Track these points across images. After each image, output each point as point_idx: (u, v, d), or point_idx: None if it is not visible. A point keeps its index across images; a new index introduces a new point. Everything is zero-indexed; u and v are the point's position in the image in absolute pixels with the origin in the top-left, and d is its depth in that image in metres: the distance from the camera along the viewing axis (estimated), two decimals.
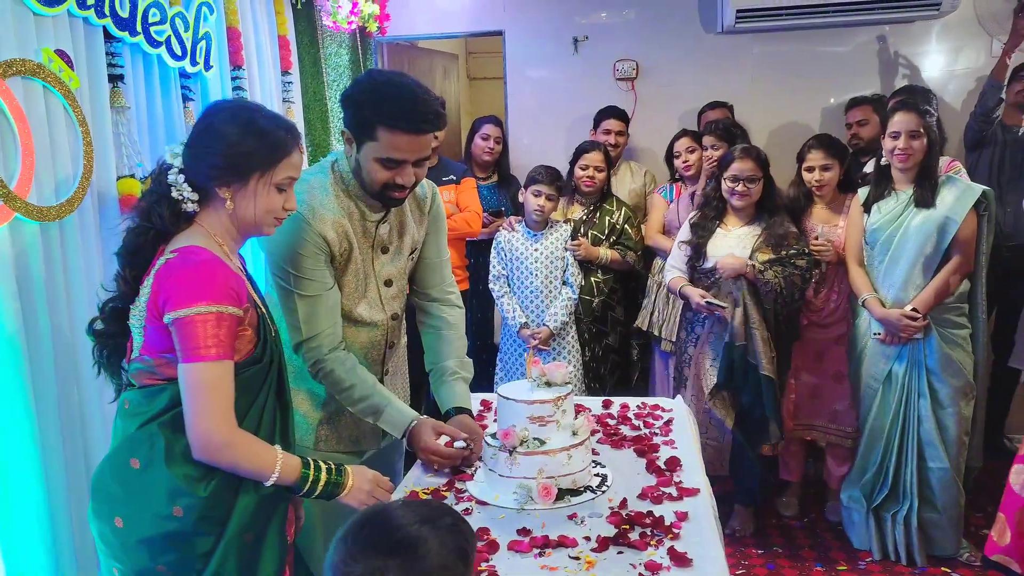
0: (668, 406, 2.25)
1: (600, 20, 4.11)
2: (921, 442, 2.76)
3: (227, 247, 1.49)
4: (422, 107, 1.66)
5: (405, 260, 1.93)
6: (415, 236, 1.95)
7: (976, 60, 3.86)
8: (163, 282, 1.38)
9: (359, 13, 3.51)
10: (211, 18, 2.54)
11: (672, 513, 1.58)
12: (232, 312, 1.39)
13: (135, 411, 1.43)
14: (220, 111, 1.48)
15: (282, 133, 1.47)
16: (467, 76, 6.24)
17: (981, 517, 3.08)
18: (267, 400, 1.51)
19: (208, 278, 1.38)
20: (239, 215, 1.47)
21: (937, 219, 2.64)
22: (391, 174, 1.71)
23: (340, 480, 1.52)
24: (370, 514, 1.06)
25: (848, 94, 3.72)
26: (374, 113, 1.66)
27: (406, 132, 1.66)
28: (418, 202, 1.97)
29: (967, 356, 2.73)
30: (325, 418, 1.92)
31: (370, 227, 1.85)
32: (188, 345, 1.35)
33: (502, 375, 3.41)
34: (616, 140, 3.70)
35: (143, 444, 1.41)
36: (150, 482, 1.39)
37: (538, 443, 1.65)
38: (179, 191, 1.43)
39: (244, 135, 1.43)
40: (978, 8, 3.81)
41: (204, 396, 1.36)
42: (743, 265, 2.80)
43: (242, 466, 1.41)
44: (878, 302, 2.75)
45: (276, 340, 1.57)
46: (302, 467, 1.48)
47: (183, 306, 1.35)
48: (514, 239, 3.29)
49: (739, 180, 2.87)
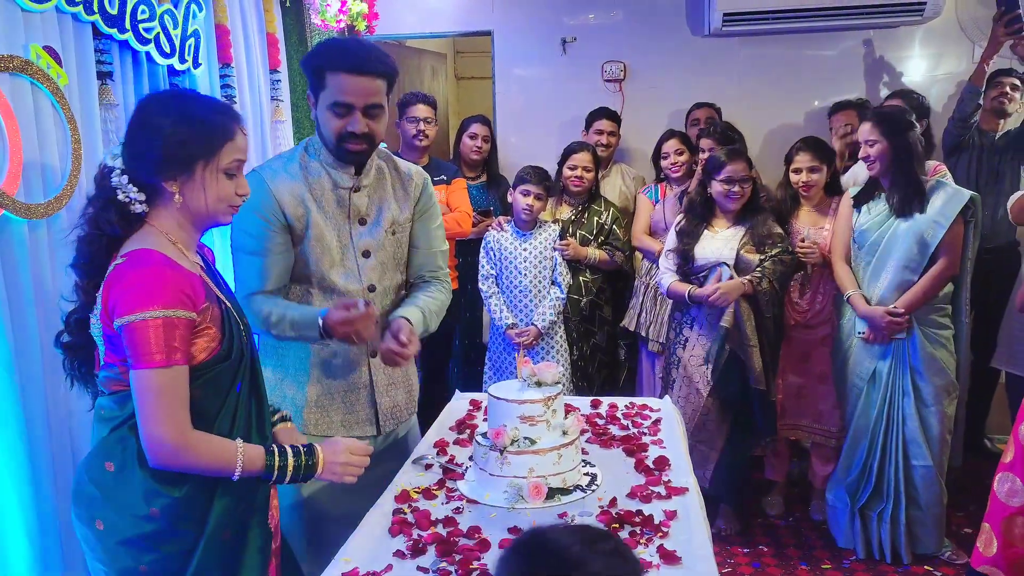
0: (656, 406, 2.27)
1: (588, 21, 4.12)
2: (905, 440, 2.78)
3: (181, 244, 1.44)
4: (365, 53, 1.76)
5: (383, 233, 1.93)
6: (395, 213, 1.95)
7: (958, 65, 3.91)
8: (111, 288, 1.36)
9: (347, 11, 3.49)
10: (200, 15, 2.53)
11: (661, 512, 1.59)
12: (184, 316, 1.35)
13: (108, 416, 1.43)
14: (152, 104, 1.43)
15: (220, 117, 1.43)
16: (455, 76, 6.23)
17: (962, 516, 3.12)
18: (241, 396, 1.49)
19: (156, 282, 1.34)
20: (191, 208, 1.43)
21: (925, 223, 2.67)
22: (342, 122, 1.78)
23: (311, 461, 1.48)
24: (528, 537, 1.01)
25: (833, 98, 3.75)
26: (322, 60, 1.78)
27: (349, 72, 1.75)
28: (402, 181, 1.99)
29: (950, 356, 2.77)
30: (312, 400, 1.92)
31: (344, 195, 1.88)
32: (136, 352, 1.32)
33: (491, 374, 3.41)
34: (608, 140, 3.72)
35: (116, 447, 1.40)
36: (125, 484, 1.39)
37: (528, 442, 1.66)
38: (125, 193, 1.39)
39: (180, 124, 1.38)
40: (960, 14, 3.86)
41: (153, 403, 1.33)
42: (741, 286, 2.82)
43: (202, 466, 1.38)
44: (862, 299, 2.78)
45: (246, 333, 1.54)
46: (266, 456, 1.44)
47: (130, 312, 1.32)
48: (503, 239, 3.30)
49: (734, 182, 2.89)
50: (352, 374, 1.94)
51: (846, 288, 2.84)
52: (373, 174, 1.94)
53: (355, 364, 1.94)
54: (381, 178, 1.96)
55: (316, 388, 1.93)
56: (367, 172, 1.92)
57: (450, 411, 2.27)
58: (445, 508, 1.64)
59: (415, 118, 3.46)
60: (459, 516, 1.60)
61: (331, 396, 1.93)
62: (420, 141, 3.48)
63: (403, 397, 2.04)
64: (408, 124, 3.48)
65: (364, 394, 1.96)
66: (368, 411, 1.96)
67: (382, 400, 1.98)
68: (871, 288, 2.79)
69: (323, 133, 1.84)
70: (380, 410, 1.98)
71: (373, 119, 1.81)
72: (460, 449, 1.96)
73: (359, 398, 1.96)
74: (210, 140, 1.40)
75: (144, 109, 1.43)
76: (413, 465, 1.86)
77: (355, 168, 1.89)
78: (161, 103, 1.43)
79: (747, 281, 2.82)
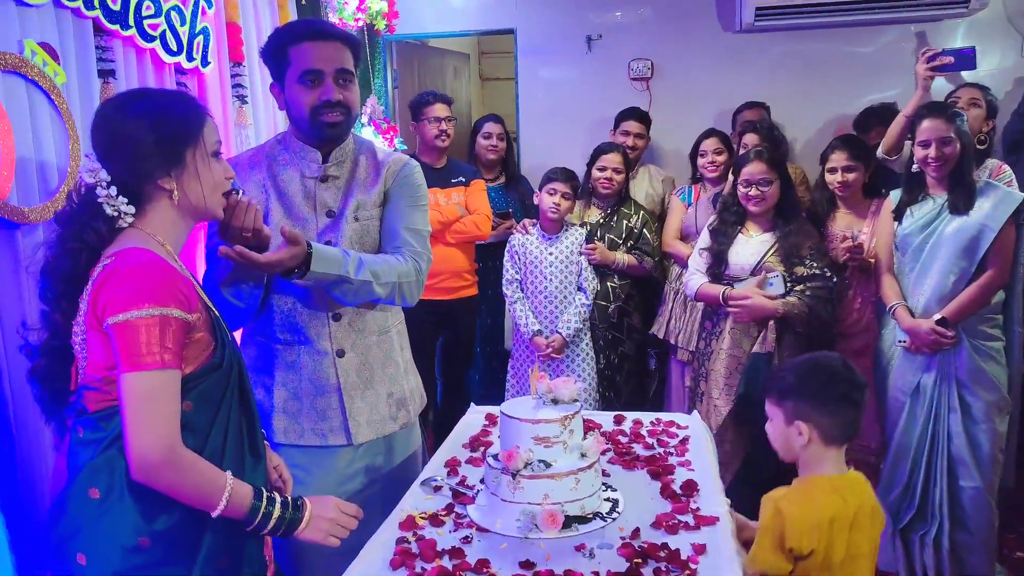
0: (684, 423, 2.13)
1: (615, 19, 4.00)
2: (952, 459, 2.61)
3: (171, 245, 1.38)
4: (324, 22, 1.77)
5: (349, 223, 1.82)
6: (361, 197, 1.84)
7: (1005, 60, 3.72)
8: (103, 287, 1.27)
9: (366, 10, 3.41)
10: (209, 12, 2.45)
11: (688, 545, 1.45)
12: (179, 316, 1.27)
13: (91, 437, 1.32)
14: (116, 114, 1.34)
15: (186, 103, 1.40)
16: (480, 77, 6.14)
17: (1014, 538, 2.94)
18: (232, 410, 1.40)
19: (151, 279, 1.26)
20: (190, 201, 1.38)
21: (973, 227, 2.49)
22: (314, 93, 1.73)
23: (296, 515, 1.39)
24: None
25: (873, 95, 3.59)
26: (282, 38, 1.75)
27: (313, 39, 1.73)
28: (376, 166, 1.88)
29: (1001, 369, 2.58)
30: (280, 406, 1.81)
31: (311, 186, 1.81)
32: (128, 353, 1.23)
33: (513, 382, 3.30)
34: (635, 143, 3.59)
35: (102, 471, 1.29)
36: (113, 512, 1.29)
37: (543, 466, 1.53)
38: (114, 207, 1.32)
39: (158, 120, 1.33)
40: (1008, 6, 3.66)
41: (143, 409, 1.24)
42: (775, 310, 2.67)
43: (184, 490, 1.28)
44: (907, 311, 2.61)
45: (234, 343, 1.46)
46: (253, 497, 1.34)
47: (123, 310, 1.24)
48: (528, 242, 3.18)
49: (751, 184, 2.74)
50: (317, 374, 1.82)
51: (890, 300, 2.66)
52: (348, 165, 1.84)
53: (319, 364, 1.82)
54: (355, 169, 1.86)
55: (282, 392, 1.82)
56: (338, 161, 1.82)
57: (465, 426, 2.14)
58: (453, 537, 1.52)
59: (435, 117, 3.36)
60: (467, 546, 1.47)
61: (299, 400, 1.82)
62: (442, 141, 3.37)
63: (386, 403, 1.90)
64: (428, 125, 3.36)
65: (334, 398, 1.83)
66: (343, 418, 1.82)
67: (353, 405, 1.84)
68: (915, 296, 2.62)
69: (295, 113, 1.77)
70: (351, 416, 1.84)
71: (345, 88, 1.76)
72: (473, 469, 1.83)
73: (330, 403, 1.83)
74: (190, 125, 1.37)
75: (110, 120, 1.34)
76: (422, 487, 1.74)
77: (323, 155, 1.81)
78: (124, 110, 1.35)
79: (780, 307, 2.66)
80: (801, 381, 1.63)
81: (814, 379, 1.63)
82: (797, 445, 1.62)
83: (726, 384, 2.78)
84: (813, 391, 1.61)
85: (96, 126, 1.35)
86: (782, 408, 1.64)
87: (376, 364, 1.89)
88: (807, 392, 1.61)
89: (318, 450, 1.83)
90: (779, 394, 1.65)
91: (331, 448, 1.84)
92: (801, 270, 2.71)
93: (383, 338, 1.91)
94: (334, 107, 1.74)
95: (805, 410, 1.60)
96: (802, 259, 2.71)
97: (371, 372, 1.87)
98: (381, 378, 1.89)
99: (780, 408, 1.65)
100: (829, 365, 1.65)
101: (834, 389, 1.60)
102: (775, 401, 1.66)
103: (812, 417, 1.60)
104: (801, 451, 1.62)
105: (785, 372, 1.70)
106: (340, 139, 1.82)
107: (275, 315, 1.82)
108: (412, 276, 1.84)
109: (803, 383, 1.63)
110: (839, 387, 1.61)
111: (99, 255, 1.33)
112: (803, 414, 1.61)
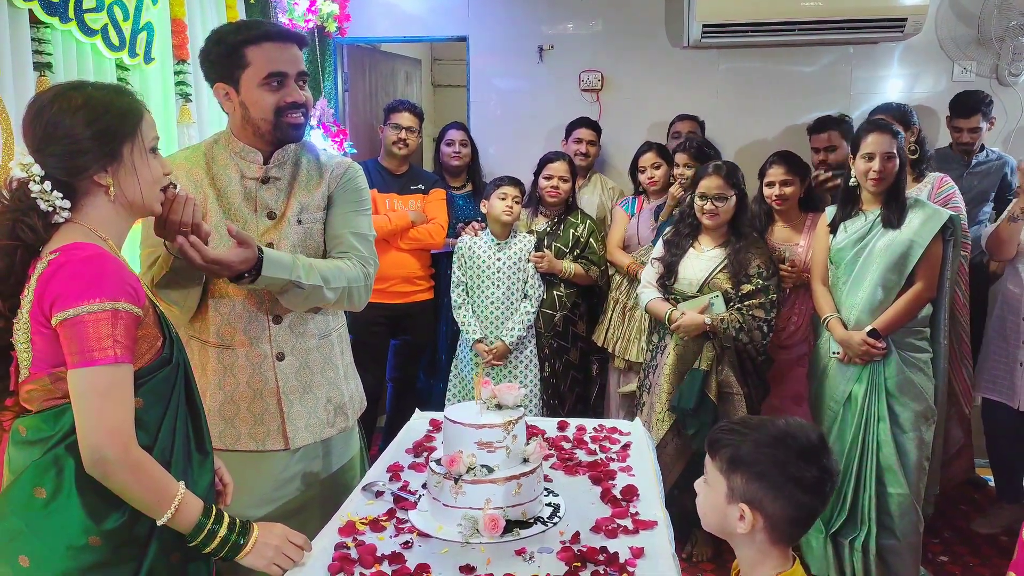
0: (626, 429, 2.16)
1: (566, 30, 4.04)
2: (880, 467, 2.70)
3: (112, 240, 1.35)
4: (275, 24, 1.77)
5: (292, 226, 1.80)
6: (303, 199, 1.82)
7: (937, 84, 3.88)
8: (49, 282, 1.24)
9: (317, 11, 3.39)
10: (154, 8, 2.40)
11: (627, 549, 1.48)
12: (129, 309, 1.26)
13: (35, 437, 1.29)
14: (49, 106, 1.29)
15: (124, 97, 1.36)
16: (432, 83, 6.12)
17: (938, 543, 3.05)
18: (179, 407, 1.39)
19: (100, 272, 1.25)
20: (127, 197, 1.35)
21: (902, 242, 2.59)
22: (279, 95, 1.72)
23: (242, 540, 1.37)
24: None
25: (813, 113, 3.69)
26: (238, 37, 1.70)
27: (275, 41, 1.71)
28: (320, 170, 1.87)
29: (928, 380, 2.69)
30: (216, 409, 1.78)
31: (251, 187, 1.79)
32: (79, 348, 1.22)
33: (455, 391, 3.29)
34: (587, 149, 3.66)
35: (49, 471, 1.27)
36: (60, 513, 1.26)
37: (486, 471, 1.54)
38: (48, 202, 1.29)
39: (95, 111, 1.30)
40: (940, 33, 3.83)
41: (97, 403, 1.22)
42: (702, 324, 2.74)
43: (134, 493, 1.27)
44: (840, 323, 2.70)
45: (179, 338, 1.44)
46: (201, 513, 1.33)
47: (73, 304, 1.22)
48: (476, 246, 3.18)
49: (707, 198, 2.80)
50: (256, 378, 1.79)
51: (824, 312, 2.75)
52: (289, 167, 1.83)
53: (259, 366, 1.79)
54: (297, 171, 1.84)
55: (219, 395, 1.79)
56: (280, 163, 1.81)
57: (409, 431, 2.13)
58: (393, 542, 1.51)
59: (397, 125, 3.43)
60: (408, 552, 1.47)
61: (235, 404, 1.79)
62: (399, 149, 3.44)
63: (324, 408, 1.87)
64: (390, 130, 3.44)
65: (272, 401, 1.80)
66: (281, 422, 1.80)
67: (292, 409, 1.82)
68: (847, 308, 2.71)
69: (257, 114, 1.73)
70: (289, 420, 1.82)
71: (304, 89, 1.77)
72: (416, 475, 1.83)
73: (267, 407, 1.80)
74: (127, 120, 1.34)
75: (44, 113, 1.30)
76: (363, 492, 1.73)
77: (264, 156, 1.79)
78: (60, 102, 1.30)
79: (708, 322, 2.73)
80: (760, 454, 1.21)
81: (778, 455, 1.20)
82: (735, 529, 1.23)
83: (668, 398, 2.83)
84: (772, 472, 1.20)
85: (30, 119, 1.31)
86: (726, 479, 1.23)
87: (316, 368, 1.87)
88: (764, 471, 1.20)
89: (254, 454, 1.80)
90: (727, 461, 1.23)
91: (268, 452, 1.81)
92: (747, 287, 2.77)
93: (323, 342, 1.89)
94: (298, 108, 1.74)
95: (756, 493, 1.20)
96: (749, 277, 2.77)
97: (310, 376, 1.85)
98: (320, 382, 1.87)
99: (724, 478, 1.24)
100: (800, 439, 1.21)
101: (801, 473, 1.19)
102: (721, 469, 1.24)
103: (763, 505, 1.20)
104: (738, 536, 1.24)
105: (741, 434, 1.24)
106: (300, 139, 1.82)
107: (213, 317, 1.79)
108: (361, 281, 1.83)
109: (762, 457, 1.21)
110: (808, 472, 1.19)
111: (36, 252, 1.29)
112: (752, 498, 1.21)
